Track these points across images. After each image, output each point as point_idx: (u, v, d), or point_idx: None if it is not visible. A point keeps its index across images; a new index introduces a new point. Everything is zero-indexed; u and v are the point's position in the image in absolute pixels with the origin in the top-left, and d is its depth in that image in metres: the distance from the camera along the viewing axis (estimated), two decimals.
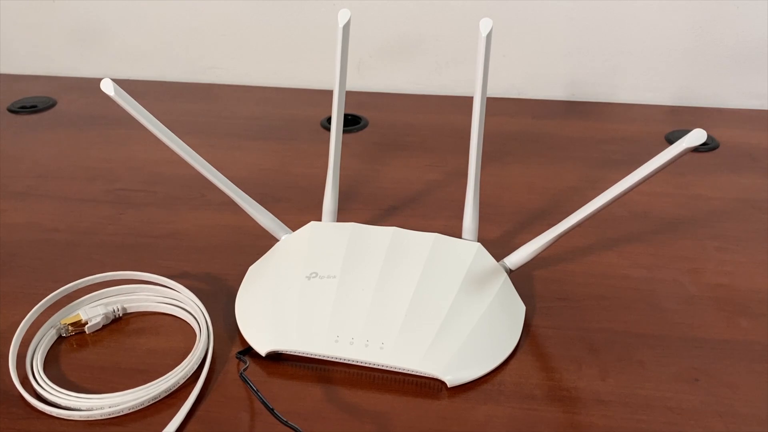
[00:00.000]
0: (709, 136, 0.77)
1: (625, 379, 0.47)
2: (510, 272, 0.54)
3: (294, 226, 0.57)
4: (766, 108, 0.87)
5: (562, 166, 0.74)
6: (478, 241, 0.56)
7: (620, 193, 0.46)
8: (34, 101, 0.88)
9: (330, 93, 0.58)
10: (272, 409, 0.41)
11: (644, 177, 0.44)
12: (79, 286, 0.52)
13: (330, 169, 0.58)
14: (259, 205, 0.56)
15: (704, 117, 0.86)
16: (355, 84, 0.92)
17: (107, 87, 0.48)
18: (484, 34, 0.50)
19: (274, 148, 0.78)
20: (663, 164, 0.43)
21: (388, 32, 0.91)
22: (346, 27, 0.54)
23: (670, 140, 0.79)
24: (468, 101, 0.53)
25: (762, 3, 0.82)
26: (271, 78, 0.95)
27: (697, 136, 0.41)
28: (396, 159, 0.76)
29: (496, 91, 0.89)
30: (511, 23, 0.87)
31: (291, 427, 0.40)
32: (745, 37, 0.85)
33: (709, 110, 0.87)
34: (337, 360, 0.47)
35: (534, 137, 0.80)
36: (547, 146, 0.78)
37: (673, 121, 0.84)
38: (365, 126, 0.84)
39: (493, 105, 0.54)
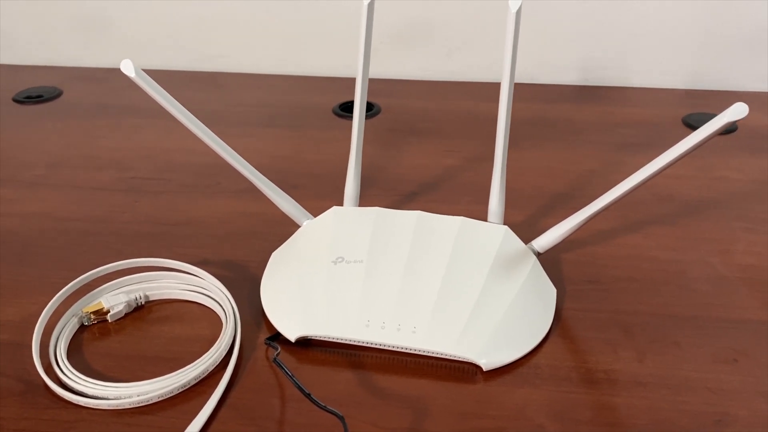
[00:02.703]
0: None
1: (662, 360, 0.46)
2: (538, 255, 0.53)
3: (312, 212, 0.56)
4: None
5: (580, 150, 0.73)
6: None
7: (658, 170, 0.45)
8: (39, 91, 0.87)
9: (339, 80, 0.57)
10: (309, 394, 0.40)
11: (685, 152, 0.43)
12: (100, 274, 0.51)
13: (352, 153, 0.57)
14: (281, 191, 0.55)
15: (719, 100, 0.85)
16: None
17: (128, 68, 0.46)
18: (513, 10, 0.49)
19: (285, 136, 0.77)
20: (704, 138, 0.42)
21: (398, 18, 0.89)
22: (371, 5, 0.53)
23: (687, 123, 0.78)
24: (479, 87, 0.52)
25: None
26: (279, 66, 0.94)
27: (739, 110, 0.40)
28: (412, 145, 0.75)
29: None
30: (523, 7, 0.86)
31: (330, 412, 0.39)
32: (759, 20, 0.84)
33: (724, 93, 0.86)
34: (368, 345, 0.46)
35: (549, 122, 0.79)
36: (563, 131, 0.77)
37: (688, 104, 0.83)
38: (378, 113, 0.82)
39: None
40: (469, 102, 0.83)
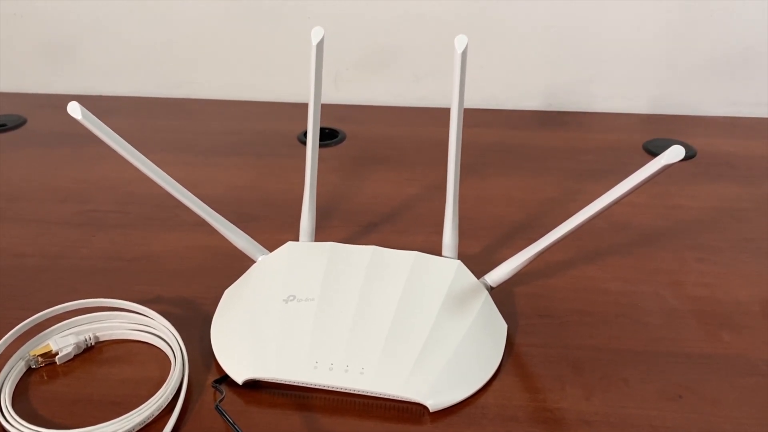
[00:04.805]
0: (686, 145, 0.77)
1: (609, 398, 0.46)
2: (491, 289, 0.53)
3: (271, 245, 0.56)
4: (742, 114, 0.88)
5: (541, 177, 0.74)
6: (459, 258, 0.55)
7: (597, 212, 0.45)
8: (2, 119, 0.86)
9: (306, 106, 0.57)
10: None
11: (622, 195, 0.43)
12: (49, 316, 0.50)
13: (306, 189, 0.57)
14: (234, 227, 0.55)
15: (681, 125, 0.86)
16: (332, 97, 0.91)
17: (74, 110, 0.47)
18: (459, 51, 0.49)
19: (250, 164, 0.77)
20: (641, 182, 0.42)
21: (365, 44, 0.90)
22: (320, 45, 0.53)
23: (648, 149, 0.79)
24: (446, 113, 0.52)
25: (735, 11, 0.83)
26: (246, 92, 0.94)
27: (675, 153, 0.40)
28: (375, 173, 0.75)
29: (474, 102, 0.89)
30: (488, 34, 0.87)
31: None
32: (719, 45, 0.85)
33: (686, 118, 0.87)
34: (316, 387, 0.46)
35: (512, 148, 0.80)
36: (526, 157, 0.78)
37: (650, 129, 0.85)
38: (343, 139, 0.83)
39: (471, 116, 0.53)
40: (436, 128, 0.84)
